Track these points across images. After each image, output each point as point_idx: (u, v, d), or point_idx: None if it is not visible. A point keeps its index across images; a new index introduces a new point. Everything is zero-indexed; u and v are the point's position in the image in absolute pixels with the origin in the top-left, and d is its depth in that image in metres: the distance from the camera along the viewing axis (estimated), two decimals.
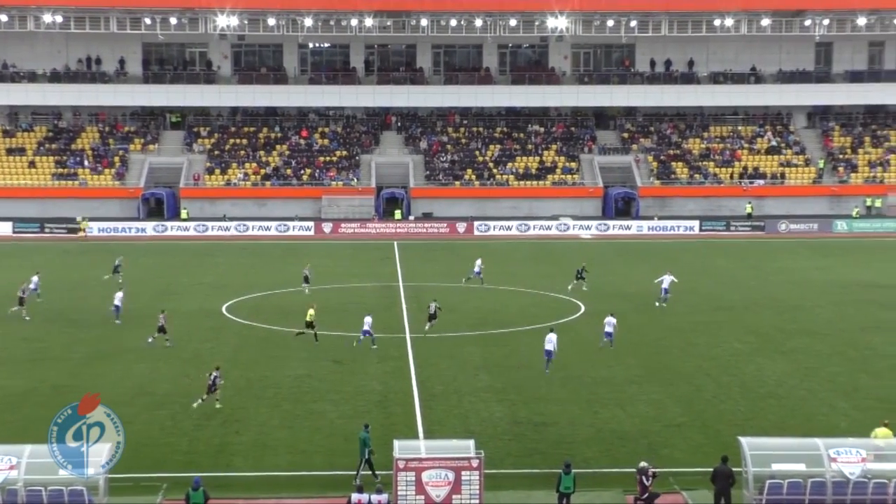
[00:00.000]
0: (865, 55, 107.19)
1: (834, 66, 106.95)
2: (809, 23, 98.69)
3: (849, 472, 28.55)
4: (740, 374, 43.35)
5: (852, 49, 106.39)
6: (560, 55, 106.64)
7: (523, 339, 49.71)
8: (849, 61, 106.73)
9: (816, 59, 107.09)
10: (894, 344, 48.77)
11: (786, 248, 79.61)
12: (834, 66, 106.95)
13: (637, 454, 32.16)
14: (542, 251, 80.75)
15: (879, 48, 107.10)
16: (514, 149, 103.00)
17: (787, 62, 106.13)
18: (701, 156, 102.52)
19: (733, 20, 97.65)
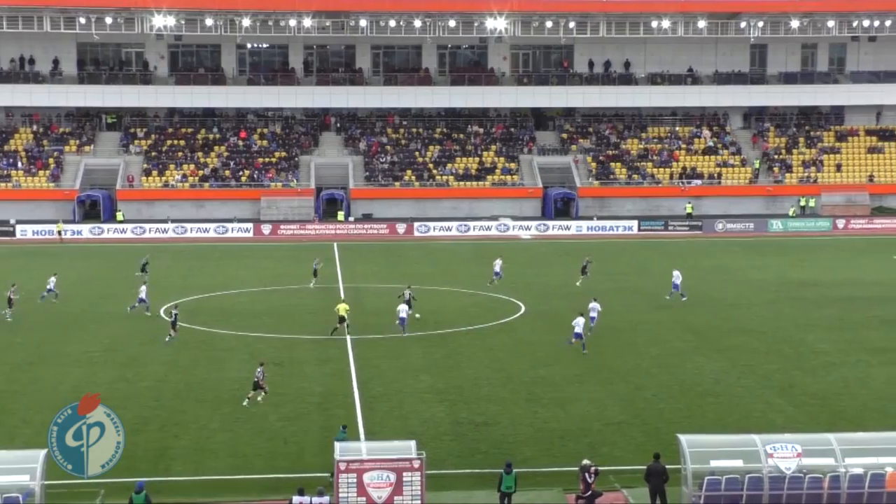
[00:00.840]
0: (799, 57, 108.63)
1: (768, 67, 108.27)
2: (744, 25, 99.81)
3: (785, 468, 28.91)
4: (679, 372, 43.74)
5: (786, 51, 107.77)
6: (499, 56, 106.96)
7: (464, 339, 49.78)
8: (783, 63, 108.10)
9: (751, 61, 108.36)
10: (828, 341, 49.46)
11: (722, 248, 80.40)
12: (768, 67, 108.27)
13: (577, 453, 32.35)
14: (482, 252, 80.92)
15: (812, 50, 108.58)
16: (453, 149, 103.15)
17: (722, 63, 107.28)
18: (639, 156, 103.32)
19: (670, 22, 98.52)
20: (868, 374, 43.44)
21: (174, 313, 49.99)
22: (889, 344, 48.71)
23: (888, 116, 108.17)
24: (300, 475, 30.93)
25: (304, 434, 35.53)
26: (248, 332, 50.72)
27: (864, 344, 48.61)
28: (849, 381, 42.46)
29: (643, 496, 29.92)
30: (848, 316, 55.35)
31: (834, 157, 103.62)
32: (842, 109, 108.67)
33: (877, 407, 38.78)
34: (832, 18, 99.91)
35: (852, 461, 29.18)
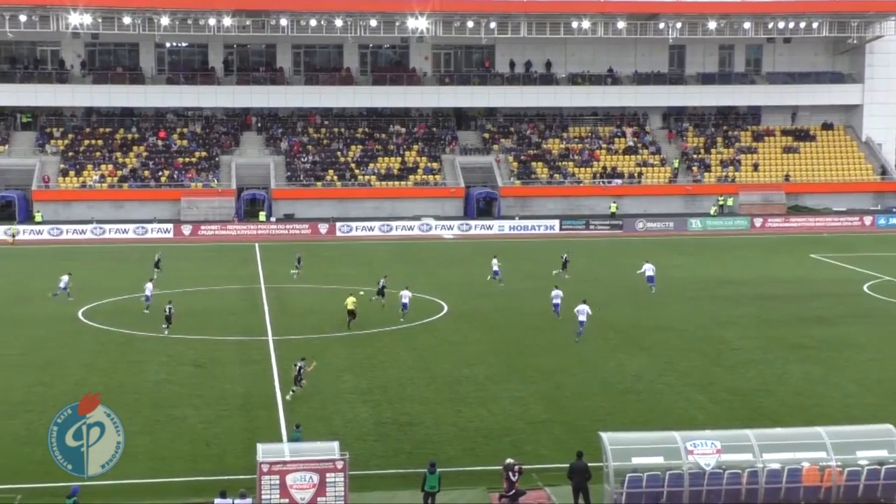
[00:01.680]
0: (716, 58, 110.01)
1: (687, 68, 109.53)
2: (663, 26, 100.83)
3: (705, 464, 29.27)
4: (601, 370, 44.08)
5: (704, 52, 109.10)
6: (421, 56, 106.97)
7: (387, 339, 49.73)
8: (700, 64, 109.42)
9: (670, 62, 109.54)
10: (747, 338, 50.17)
11: (643, 246, 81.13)
12: (687, 68, 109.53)
13: (501, 452, 32.46)
14: (405, 251, 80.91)
15: (729, 51, 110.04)
16: (375, 149, 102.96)
17: (642, 64, 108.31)
18: (560, 156, 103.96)
19: (590, 23, 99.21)
20: (785, 371, 44.14)
21: (169, 307, 50.90)
22: (806, 341, 49.55)
23: (803, 117, 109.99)
24: (222, 477, 30.69)
25: (227, 436, 35.24)
26: (169, 333, 50.15)
27: (782, 341, 49.39)
28: (767, 377, 43.12)
29: (566, 494, 30.10)
30: (766, 313, 56.20)
31: (751, 157, 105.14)
32: (758, 110, 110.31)
33: (794, 403, 39.44)
34: (748, 20, 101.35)
35: (770, 457, 29.64)
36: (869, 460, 29.80)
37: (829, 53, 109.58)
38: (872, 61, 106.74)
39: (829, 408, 38.63)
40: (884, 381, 42.53)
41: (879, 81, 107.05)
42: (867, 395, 40.51)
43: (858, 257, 75.89)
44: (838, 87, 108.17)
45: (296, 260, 69.17)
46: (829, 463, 29.51)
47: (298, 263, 68.76)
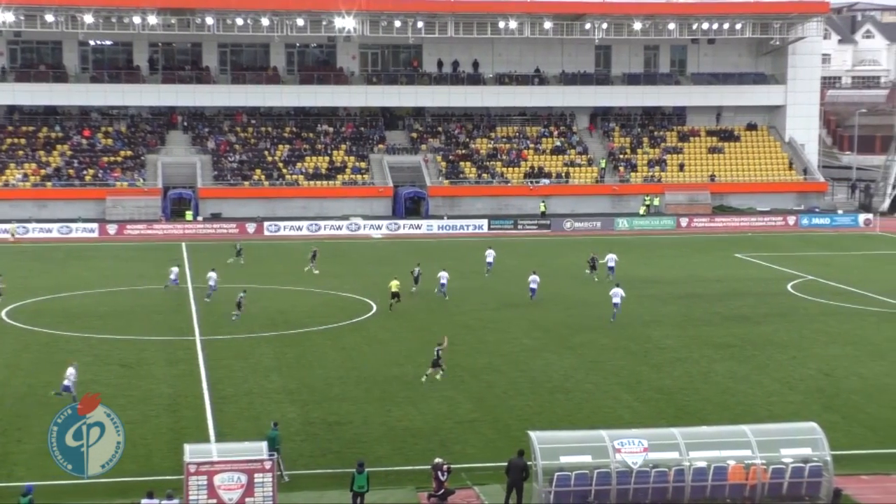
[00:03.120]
0: (642, 58, 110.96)
1: (613, 68, 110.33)
2: (589, 27, 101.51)
3: (632, 462, 29.53)
4: (529, 369, 44.29)
5: (629, 52, 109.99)
6: (348, 55, 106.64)
7: (316, 339, 49.56)
8: (626, 64, 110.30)
9: (596, 62, 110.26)
10: (673, 337, 50.70)
11: (571, 246, 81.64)
12: (613, 68, 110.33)
13: (430, 451, 32.48)
14: (333, 251, 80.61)
15: (654, 52, 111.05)
16: (303, 149, 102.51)
17: (568, 64, 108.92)
18: (488, 156, 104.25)
19: (517, 23, 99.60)
20: (711, 369, 44.68)
21: (241, 296, 53.91)
22: (730, 340, 50.19)
23: (727, 117, 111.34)
24: (149, 478, 30.39)
25: (153, 436, 34.91)
26: (94, 333, 49.55)
27: (707, 340, 49.99)
28: (693, 376, 43.61)
29: (494, 493, 30.24)
30: (691, 312, 56.83)
31: (677, 157, 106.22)
32: (683, 110, 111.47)
33: (719, 401, 39.93)
34: (673, 21, 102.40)
35: (696, 455, 29.99)
36: (793, 458, 30.27)
37: (752, 54, 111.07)
38: (795, 62, 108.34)
39: (754, 406, 39.17)
40: (806, 380, 43.22)
41: (801, 82, 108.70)
42: (790, 394, 41.14)
43: (782, 257, 77.00)
44: (761, 88, 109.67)
45: (311, 255, 70.34)
46: (754, 461, 29.92)
47: (313, 258, 69.94)
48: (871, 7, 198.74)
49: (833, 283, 66.01)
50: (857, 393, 41.25)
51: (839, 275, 68.68)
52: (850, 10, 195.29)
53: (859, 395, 40.88)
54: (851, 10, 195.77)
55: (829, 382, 42.79)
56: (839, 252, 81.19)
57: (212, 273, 59.73)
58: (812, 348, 48.54)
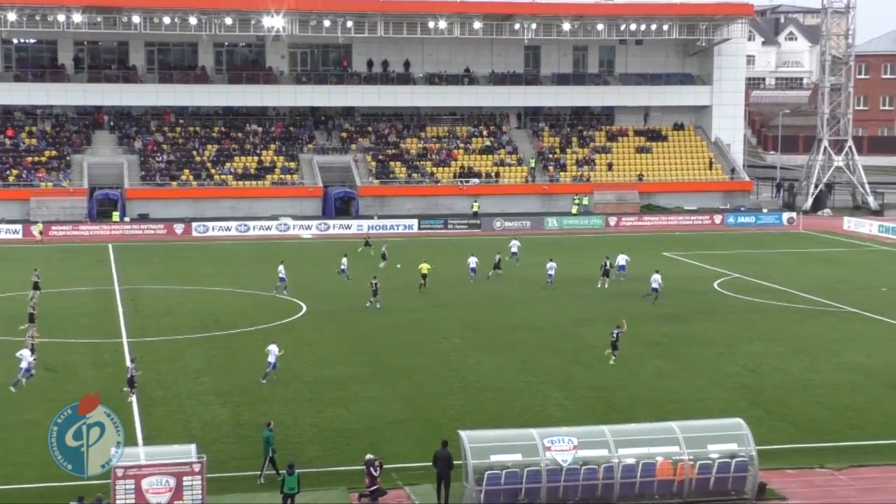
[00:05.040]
0: (571, 59, 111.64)
1: (542, 68, 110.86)
2: (518, 27, 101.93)
3: (562, 460, 29.71)
4: (460, 368, 44.40)
5: (558, 53, 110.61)
6: (277, 55, 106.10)
7: (246, 340, 49.25)
8: (555, 64, 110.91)
9: (526, 62, 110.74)
10: (603, 335, 50.84)
11: (501, 245, 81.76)
12: (542, 68, 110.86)
13: (361, 452, 32.44)
14: (263, 251, 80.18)
15: (583, 52, 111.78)
16: (232, 148, 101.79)
17: (498, 64, 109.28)
18: (419, 155, 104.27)
19: (447, 23, 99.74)
20: (640, 367, 45.09)
21: (375, 283, 56.69)
22: (658, 338, 50.70)
23: (655, 117, 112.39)
24: (77, 483, 29.96)
25: None
26: (18, 336, 48.71)
27: (637, 338, 50.33)
28: (623, 374, 43.97)
29: (425, 492, 30.31)
30: (621, 311, 57.08)
31: (605, 157, 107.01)
32: (612, 110, 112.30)
33: (648, 399, 40.31)
34: (601, 22, 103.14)
35: (625, 452, 30.27)
36: (720, 453, 30.67)
37: (679, 55, 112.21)
38: (721, 63, 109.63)
39: (682, 403, 39.59)
40: (733, 376, 43.78)
41: (727, 83, 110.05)
42: (718, 390, 41.65)
43: (709, 255, 77.88)
44: (688, 89, 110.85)
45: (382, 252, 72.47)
46: (681, 457, 30.26)
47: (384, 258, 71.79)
48: (793, 10, 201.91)
49: (758, 280, 66.91)
50: (782, 389, 41.88)
51: (764, 272, 69.62)
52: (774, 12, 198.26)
53: (784, 391, 41.51)
54: (775, 12, 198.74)
55: (755, 379, 43.40)
56: (764, 250, 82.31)
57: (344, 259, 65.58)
58: (738, 345, 49.17)
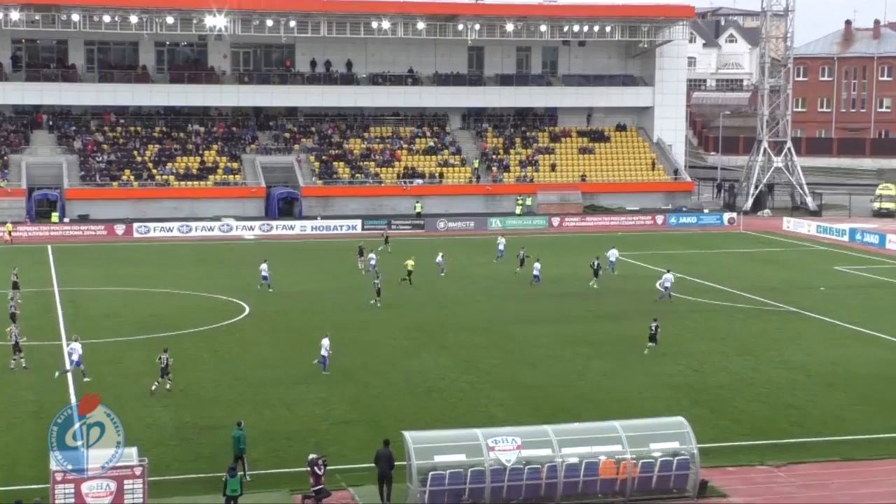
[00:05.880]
0: (514, 59, 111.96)
1: (486, 69, 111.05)
2: (462, 27, 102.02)
3: (506, 460, 29.75)
4: (405, 369, 44.34)
5: (502, 53, 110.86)
6: (219, 54, 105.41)
7: (188, 342, 48.84)
8: (499, 65, 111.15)
9: (469, 63, 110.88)
10: (547, 335, 51.22)
11: (445, 246, 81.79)
12: (486, 69, 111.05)
13: (305, 453, 32.23)
14: (205, 252, 79.66)
15: (527, 53, 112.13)
16: (174, 149, 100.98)
17: (442, 65, 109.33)
18: (362, 156, 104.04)
19: (390, 23, 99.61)
20: (585, 367, 45.28)
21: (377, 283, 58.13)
22: (603, 337, 50.92)
23: (598, 118, 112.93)
24: (15, 487, 29.65)
25: (18, 444, 34.06)
26: None
27: (581, 337, 50.64)
28: (567, 373, 44.14)
29: (369, 493, 30.23)
30: (565, 310, 57.48)
31: (549, 158, 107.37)
32: (555, 111, 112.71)
33: (592, 398, 40.49)
34: (544, 23, 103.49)
35: (568, 451, 30.38)
36: (662, 452, 30.87)
37: (621, 57, 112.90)
38: (662, 65, 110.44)
39: (625, 402, 39.80)
40: (675, 375, 44.09)
41: (669, 84, 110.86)
42: (661, 389, 41.91)
43: (651, 255, 78.36)
44: (630, 90, 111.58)
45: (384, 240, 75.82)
46: (624, 456, 30.42)
47: (386, 241, 75.36)
48: (733, 12, 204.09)
49: (700, 280, 67.45)
50: (724, 387, 42.23)
51: (706, 272, 70.21)
52: (715, 14, 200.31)
53: (726, 390, 41.87)
54: (715, 14, 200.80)
55: (697, 378, 43.73)
56: (706, 250, 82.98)
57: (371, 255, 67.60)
58: (681, 345, 49.51)
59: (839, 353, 48.25)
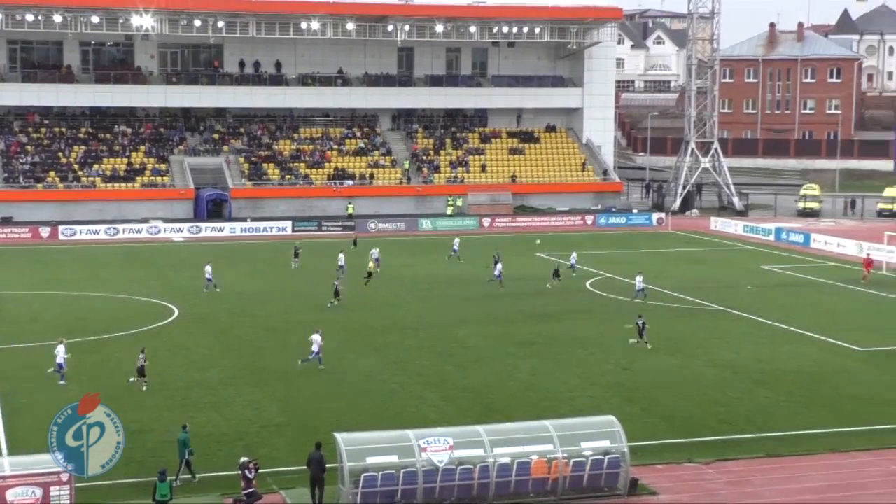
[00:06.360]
0: (444, 60, 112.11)
1: (416, 70, 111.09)
2: (392, 28, 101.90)
3: (438, 461, 29.74)
4: (335, 371, 44.15)
5: (432, 54, 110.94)
6: (146, 54, 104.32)
7: (116, 345, 48.25)
8: (429, 66, 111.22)
9: (399, 64, 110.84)
10: (477, 336, 51.30)
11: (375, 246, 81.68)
12: (416, 70, 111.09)
13: (235, 457, 31.99)
14: (133, 255, 78.79)
15: (456, 54, 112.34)
16: (100, 150, 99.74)
17: (372, 66, 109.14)
18: (292, 157, 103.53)
19: (319, 24, 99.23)
20: (515, 367, 45.39)
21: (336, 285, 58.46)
22: (533, 337, 51.11)
23: (527, 119, 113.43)
24: None
25: None
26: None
27: (511, 338, 50.77)
28: (497, 373, 44.22)
29: (300, 496, 30.08)
30: (495, 311, 57.62)
31: (479, 158, 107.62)
32: (485, 112, 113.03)
33: (523, 398, 40.60)
34: (474, 24, 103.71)
35: (500, 451, 30.42)
36: (593, 451, 31.03)
37: (551, 58, 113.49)
38: (591, 66, 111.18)
39: (556, 401, 39.97)
40: (606, 374, 44.37)
41: (597, 86, 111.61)
42: (591, 388, 42.16)
43: (580, 255, 78.69)
44: (560, 91, 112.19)
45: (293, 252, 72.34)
46: (556, 455, 30.53)
47: (296, 255, 71.86)
48: (661, 14, 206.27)
49: (629, 280, 67.87)
50: (653, 386, 42.58)
51: (635, 272, 70.67)
52: (642, 17, 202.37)
53: (655, 388, 42.22)
54: (643, 17, 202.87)
55: (627, 376, 44.04)
56: (634, 250, 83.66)
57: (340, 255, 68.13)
58: (611, 344, 49.83)
59: (766, 351, 48.88)
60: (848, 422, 38.03)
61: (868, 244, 79.21)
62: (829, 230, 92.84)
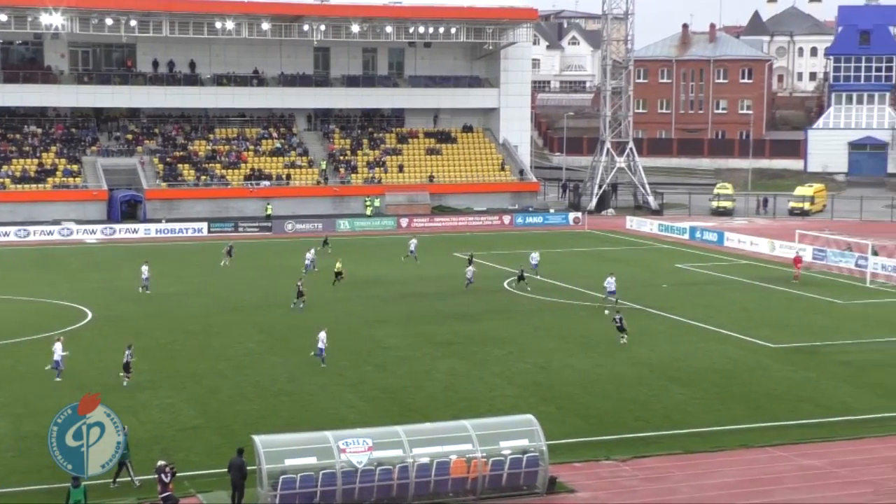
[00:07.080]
0: (360, 61, 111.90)
1: (332, 70, 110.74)
2: (307, 28, 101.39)
3: (357, 462, 29.70)
4: (254, 373, 43.89)
5: (348, 54, 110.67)
6: (57, 53, 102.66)
7: (28, 349, 47.44)
8: (345, 66, 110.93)
9: (315, 64, 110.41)
10: (396, 336, 51.31)
11: (292, 248, 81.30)
12: (332, 70, 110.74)
13: (151, 461, 31.64)
14: (45, 257, 77.49)
15: (373, 54, 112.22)
16: (9, 151, 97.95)
17: (288, 66, 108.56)
18: (207, 158, 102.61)
19: (234, 23, 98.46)
20: (433, 367, 45.47)
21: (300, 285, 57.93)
22: (451, 337, 51.22)
23: (444, 119, 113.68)
24: None
25: None
26: None
27: (430, 338, 50.84)
28: (416, 374, 44.26)
29: (218, 499, 29.88)
30: (413, 311, 57.66)
31: (396, 159, 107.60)
32: (402, 112, 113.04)
33: (442, 398, 40.69)
34: (390, 24, 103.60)
35: (419, 451, 30.45)
36: (512, 450, 31.19)
37: (467, 58, 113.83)
38: (507, 66, 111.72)
39: (475, 401, 40.10)
40: (524, 373, 44.61)
41: (514, 86, 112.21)
42: (509, 387, 42.36)
43: (498, 255, 79.17)
44: (476, 91, 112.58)
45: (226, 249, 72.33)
46: (474, 454, 30.64)
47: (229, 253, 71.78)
48: (576, 15, 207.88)
49: (546, 279, 68.40)
50: (570, 384, 42.92)
51: (552, 271, 71.20)
52: (557, 17, 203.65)
53: (572, 386, 42.56)
54: (558, 17, 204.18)
55: (544, 375, 44.33)
56: (551, 249, 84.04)
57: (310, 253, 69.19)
58: (528, 343, 50.13)
59: (681, 348, 49.50)
60: (761, 417, 38.65)
61: (780, 242, 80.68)
62: (742, 229, 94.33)
